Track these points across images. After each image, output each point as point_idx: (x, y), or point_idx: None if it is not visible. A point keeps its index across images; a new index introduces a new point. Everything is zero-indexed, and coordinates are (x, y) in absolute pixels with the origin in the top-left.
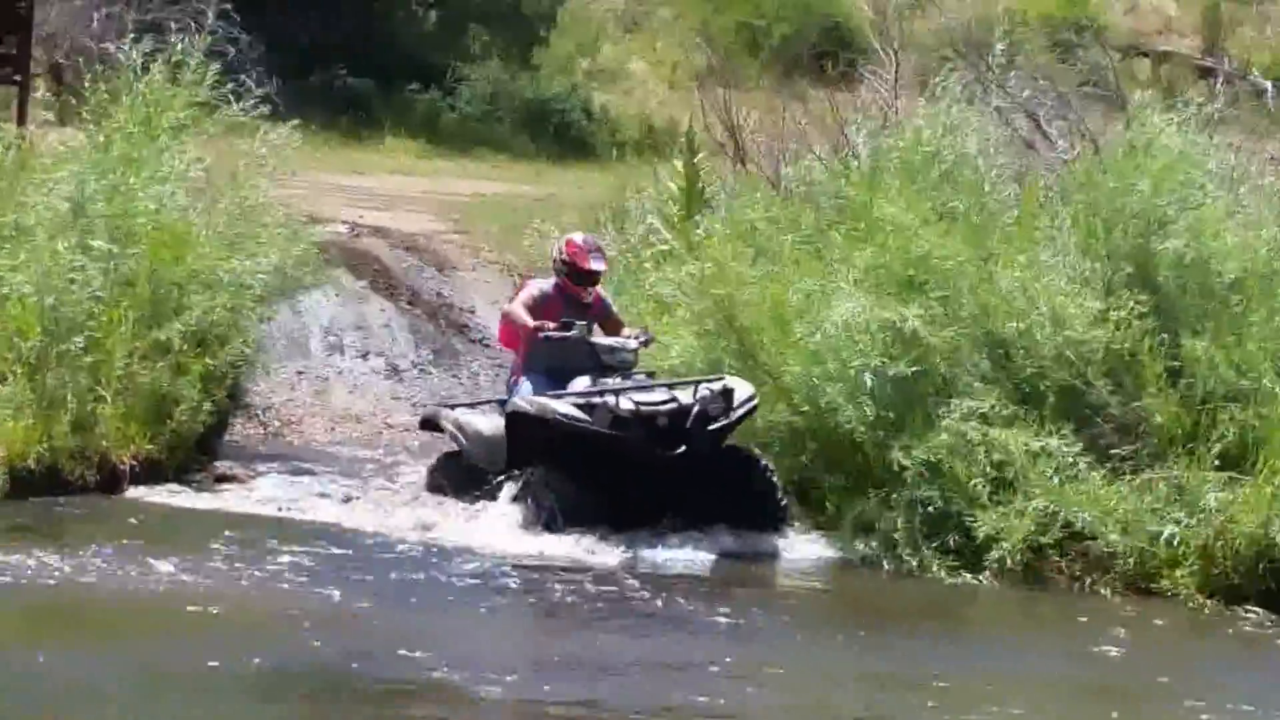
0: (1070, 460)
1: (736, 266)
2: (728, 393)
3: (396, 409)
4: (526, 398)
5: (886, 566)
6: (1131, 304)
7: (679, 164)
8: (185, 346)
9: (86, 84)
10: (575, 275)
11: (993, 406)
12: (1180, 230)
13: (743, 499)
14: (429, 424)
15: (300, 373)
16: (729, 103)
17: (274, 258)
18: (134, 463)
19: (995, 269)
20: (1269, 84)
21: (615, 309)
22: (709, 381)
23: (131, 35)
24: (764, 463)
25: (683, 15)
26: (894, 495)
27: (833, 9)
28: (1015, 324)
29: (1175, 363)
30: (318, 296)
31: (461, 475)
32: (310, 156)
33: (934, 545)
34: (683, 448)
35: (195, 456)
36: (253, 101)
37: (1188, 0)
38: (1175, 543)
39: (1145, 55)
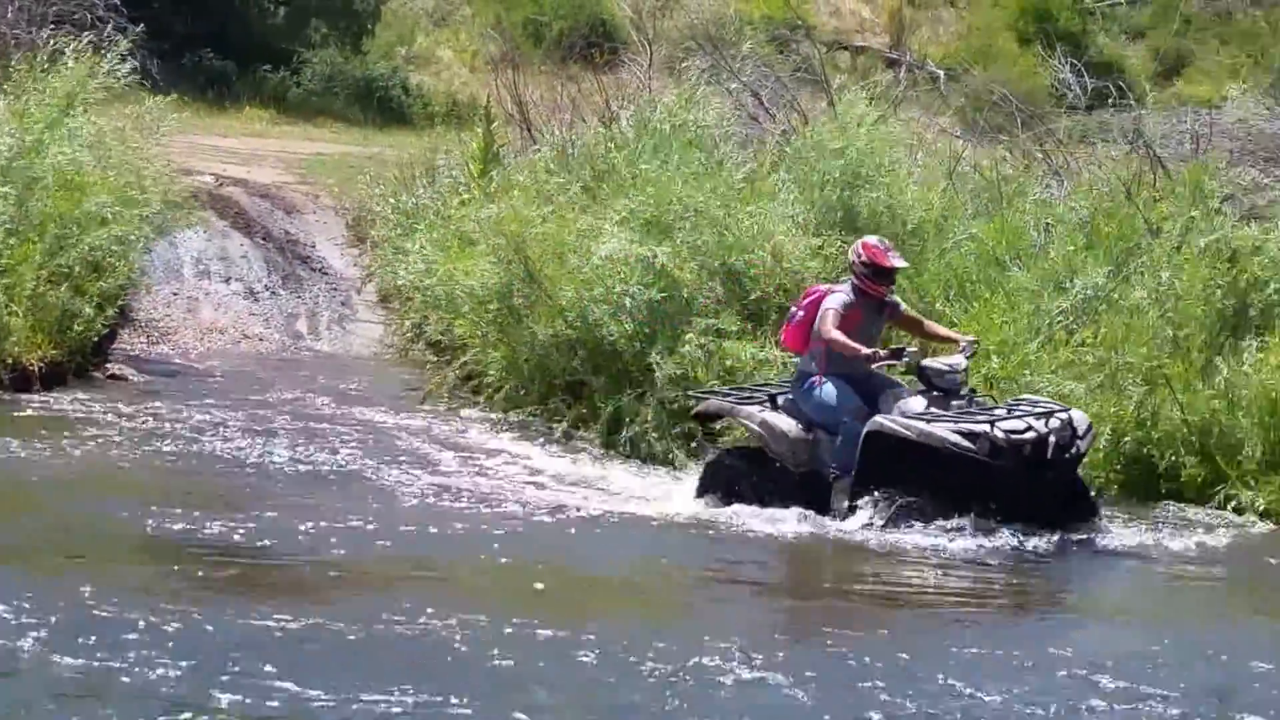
0: (787, 366)
1: (525, 210)
2: (1071, 423)
3: (252, 323)
4: (897, 420)
5: (641, 451)
6: (838, 243)
7: (478, 130)
8: (83, 272)
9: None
10: (877, 274)
11: (726, 324)
12: (875, 186)
13: (1067, 506)
14: (709, 417)
15: (175, 294)
16: (517, 83)
17: (155, 204)
18: (41, 365)
19: (731, 215)
20: (941, 72)
21: (904, 305)
22: (1059, 410)
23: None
24: (1082, 480)
25: (480, 12)
26: (646, 394)
27: (600, 8)
28: (745, 258)
29: None
30: (189, 233)
31: (759, 472)
32: (183, 123)
33: (675, 434)
34: (1048, 474)
35: (91, 360)
36: (137, 78)
37: (878, 5)
38: None
39: (845, 49)
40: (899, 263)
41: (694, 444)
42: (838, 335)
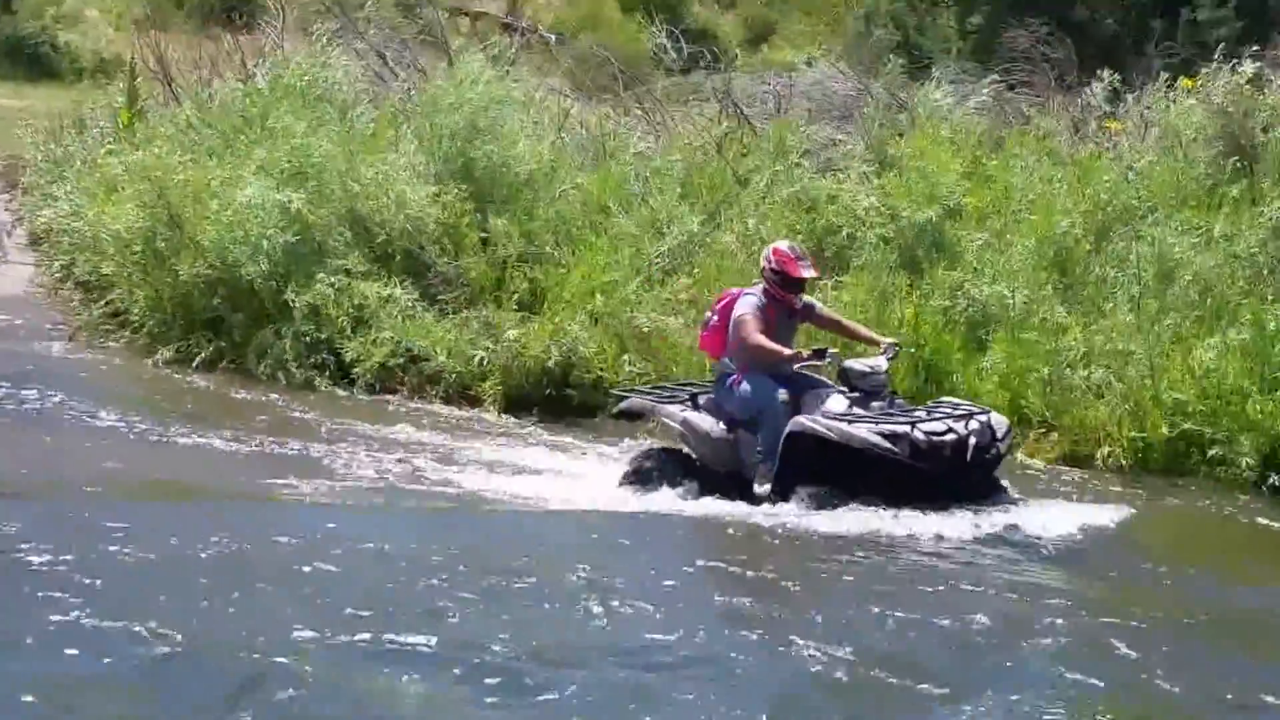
0: (410, 304)
1: (167, 158)
2: (991, 425)
3: None
4: (821, 421)
5: (281, 380)
6: (455, 191)
7: (123, 85)
8: None
9: None
10: (786, 283)
11: (355, 265)
12: (491, 139)
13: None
14: (631, 415)
15: None
16: (160, 42)
17: None
18: None
19: (358, 165)
20: (552, 37)
21: (820, 306)
22: (978, 413)
23: None
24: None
25: None
26: (283, 329)
27: None
28: (371, 204)
29: (485, 234)
30: None
31: (679, 470)
32: None
33: (312, 365)
34: (967, 476)
35: None
36: None
37: None
38: (484, 363)
39: (465, 14)
40: (809, 273)
41: (327, 373)
42: (761, 340)
